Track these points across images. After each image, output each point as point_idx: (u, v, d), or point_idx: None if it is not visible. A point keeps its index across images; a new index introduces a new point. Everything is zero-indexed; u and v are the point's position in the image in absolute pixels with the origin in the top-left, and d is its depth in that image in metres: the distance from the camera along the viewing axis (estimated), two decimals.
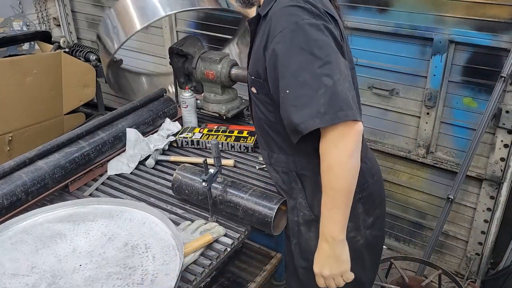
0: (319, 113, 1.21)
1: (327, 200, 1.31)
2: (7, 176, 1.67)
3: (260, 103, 1.48)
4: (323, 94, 1.21)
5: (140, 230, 1.50)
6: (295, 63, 1.25)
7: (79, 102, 2.98)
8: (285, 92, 1.27)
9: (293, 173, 1.53)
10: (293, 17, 1.26)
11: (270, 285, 2.26)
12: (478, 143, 2.35)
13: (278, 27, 1.28)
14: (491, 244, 2.60)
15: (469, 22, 2.31)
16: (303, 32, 1.25)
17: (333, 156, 1.25)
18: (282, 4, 1.31)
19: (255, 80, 1.44)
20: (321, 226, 1.36)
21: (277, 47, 1.27)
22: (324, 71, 1.22)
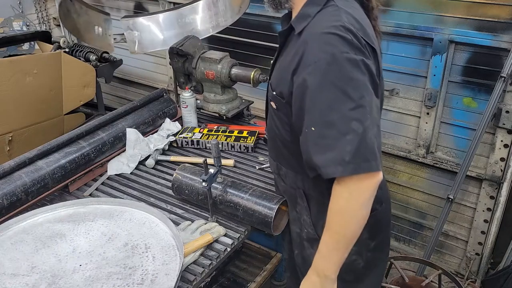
0: (343, 160, 1.15)
1: (329, 240, 1.27)
2: (7, 176, 1.67)
3: (277, 119, 1.41)
4: (350, 141, 1.14)
5: (140, 230, 1.50)
6: (326, 100, 1.17)
7: (79, 102, 2.98)
8: (310, 128, 1.20)
9: (300, 190, 1.49)
10: (331, 47, 1.17)
11: (270, 285, 2.26)
12: (478, 143, 2.35)
13: (313, 55, 1.19)
14: (491, 244, 2.59)
15: (469, 22, 2.31)
16: (339, 67, 1.16)
17: (345, 202, 1.21)
18: (320, 28, 1.21)
19: (277, 97, 1.36)
20: (316, 260, 1.32)
21: (309, 78, 1.19)
22: (355, 114, 1.15)
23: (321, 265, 1.31)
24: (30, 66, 2.61)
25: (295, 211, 1.55)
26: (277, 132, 1.44)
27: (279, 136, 1.44)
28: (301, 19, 1.30)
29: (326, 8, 1.27)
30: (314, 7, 1.28)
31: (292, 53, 1.29)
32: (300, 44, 1.25)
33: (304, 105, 1.21)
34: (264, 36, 3.04)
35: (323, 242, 1.29)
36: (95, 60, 3.10)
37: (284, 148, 1.46)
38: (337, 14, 1.23)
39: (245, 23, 3.09)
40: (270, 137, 1.54)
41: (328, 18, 1.24)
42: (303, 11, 1.30)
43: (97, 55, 3.16)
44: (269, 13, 2.90)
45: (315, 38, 1.21)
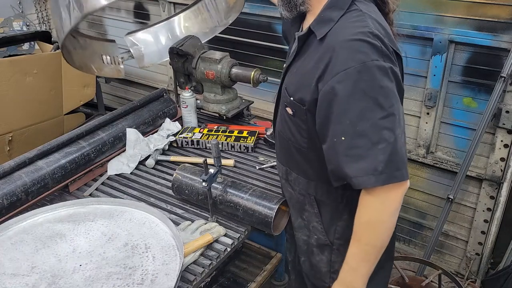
0: (376, 170, 1.14)
1: (359, 253, 1.26)
2: (7, 176, 1.67)
3: (293, 125, 1.38)
4: (383, 150, 1.13)
5: (140, 230, 1.50)
6: (356, 109, 1.15)
7: (79, 102, 2.98)
8: (339, 138, 1.17)
9: (311, 197, 1.46)
10: (361, 55, 1.14)
11: (270, 285, 2.26)
12: (478, 143, 2.35)
13: (342, 63, 1.16)
14: (491, 244, 2.60)
15: (469, 22, 2.31)
16: (370, 75, 1.14)
17: (376, 212, 1.21)
18: (348, 35, 1.18)
19: (295, 104, 1.32)
20: (344, 274, 1.32)
21: (338, 86, 1.16)
22: (386, 123, 1.14)
23: (349, 277, 1.30)
24: (30, 66, 2.61)
25: (300, 219, 1.53)
26: (291, 138, 1.41)
27: (293, 142, 1.41)
28: (323, 24, 1.25)
29: (349, 13, 1.24)
30: (337, 11, 1.24)
31: (315, 59, 1.24)
32: (326, 51, 1.21)
33: (331, 114, 1.19)
34: (264, 36, 3.04)
35: (351, 254, 1.28)
36: None
37: (297, 154, 1.42)
38: (363, 19, 1.21)
39: (245, 23, 3.09)
40: (282, 142, 1.49)
41: (354, 23, 1.21)
42: (324, 15, 1.26)
43: None
44: (269, 13, 2.91)
45: (343, 45, 1.17)
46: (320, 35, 1.25)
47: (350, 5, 1.25)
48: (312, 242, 1.52)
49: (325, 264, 1.50)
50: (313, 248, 1.52)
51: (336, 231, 1.44)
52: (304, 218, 1.52)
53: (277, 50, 2.99)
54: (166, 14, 3.46)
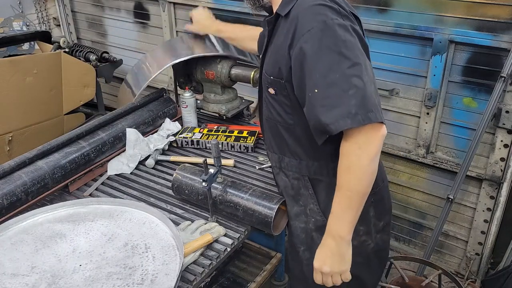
0: (350, 113, 1.20)
1: (342, 200, 1.30)
2: (7, 176, 1.67)
3: (278, 105, 1.44)
4: (354, 95, 1.20)
5: (140, 230, 1.50)
6: (324, 63, 1.23)
7: (79, 102, 2.98)
8: (313, 91, 1.25)
9: (305, 178, 1.51)
10: (322, 16, 1.25)
11: (270, 285, 2.26)
12: (478, 143, 2.35)
13: (306, 25, 1.26)
14: (491, 244, 2.60)
15: (469, 22, 2.31)
16: (332, 32, 1.23)
17: (356, 157, 1.25)
18: (308, 3, 1.29)
19: (275, 80, 1.40)
20: (330, 224, 1.35)
21: (305, 46, 1.25)
22: (354, 71, 1.22)
23: (335, 226, 1.34)
24: (30, 66, 2.61)
25: (297, 206, 1.56)
26: (278, 119, 1.46)
27: (280, 123, 1.46)
28: (286, 4, 1.36)
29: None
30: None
31: (284, 33, 1.34)
32: (291, 22, 1.31)
33: (305, 72, 1.27)
34: None
35: (335, 203, 1.32)
36: (95, 60, 3.10)
37: (286, 133, 1.47)
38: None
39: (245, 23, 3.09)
40: (270, 127, 1.54)
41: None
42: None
43: (97, 55, 3.16)
44: None
45: (305, 11, 1.28)
46: (284, 12, 1.35)
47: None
48: (310, 227, 1.54)
49: None
50: (312, 233, 1.54)
51: None
52: (300, 204, 1.54)
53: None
54: (166, 14, 3.46)
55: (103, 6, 3.96)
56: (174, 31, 3.52)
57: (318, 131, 1.29)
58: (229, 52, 2.27)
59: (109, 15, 3.96)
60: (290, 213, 1.60)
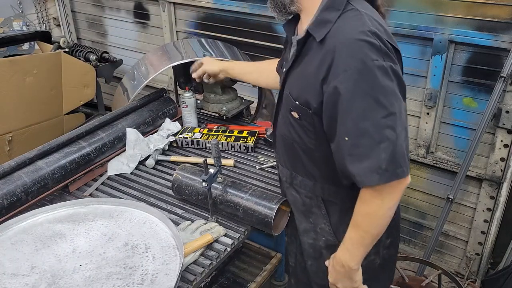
0: (380, 168, 1.17)
1: (356, 237, 1.32)
2: (7, 176, 1.67)
3: (300, 128, 1.38)
4: (385, 149, 1.17)
5: (140, 230, 1.50)
6: (358, 109, 1.17)
7: (79, 102, 2.98)
8: (343, 138, 1.21)
9: (319, 198, 1.47)
10: (361, 55, 1.16)
11: (270, 285, 2.26)
12: (478, 143, 2.35)
13: (343, 63, 1.18)
14: (491, 244, 2.60)
15: (469, 22, 2.31)
16: (370, 75, 1.16)
17: (376, 207, 1.25)
18: (347, 35, 1.20)
19: (301, 107, 1.33)
20: (340, 253, 1.37)
21: (341, 87, 1.18)
22: (388, 122, 1.17)
23: (344, 257, 1.36)
24: (30, 66, 2.61)
25: (306, 222, 1.53)
26: (297, 140, 1.41)
27: (300, 144, 1.41)
28: (321, 26, 1.26)
29: (346, 13, 1.25)
30: (334, 12, 1.25)
31: (317, 62, 1.25)
32: (327, 52, 1.22)
33: (337, 114, 1.21)
34: (264, 36, 3.04)
35: (348, 237, 1.34)
36: (95, 60, 3.10)
37: (304, 156, 1.42)
38: (360, 18, 1.22)
39: (245, 23, 3.09)
40: (287, 145, 1.48)
41: (353, 23, 1.22)
42: (321, 17, 1.27)
43: (97, 55, 3.16)
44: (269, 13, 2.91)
45: (344, 45, 1.19)
46: (319, 37, 1.25)
47: (346, 5, 1.26)
48: (320, 244, 1.52)
49: None
50: (321, 250, 1.53)
51: (345, 231, 1.44)
52: (310, 221, 1.52)
53: (277, 50, 2.99)
54: (166, 14, 3.46)
55: (103, 6, 3.96)
56: (174, 31, 3.53)
57: (343, 175, 1.29)
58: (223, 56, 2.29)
59: (109, 15, 3.96)
60: (298, 227, 1.57)
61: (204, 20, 3.34)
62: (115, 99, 2.65)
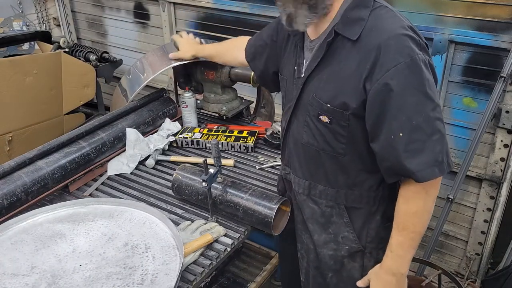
0: (437, 161, 1.19)
1: (406, 241, 1.31)
2: (7, 176, 1.67)
3: (329, 133, 1.33)
4: (438, 140, 1.19)
5: (140, 230, 1.50)
6: (411, 104, 1.17)
7: (79, 102, 2.98)
8: (397, 135, 1.19)
9: (341, 206, 1.44)
10: (408, 49, 1.17)
11: (270, 285, 2.26)
12: (478, 143, 2.35)
13: (391, 59, 1.17)
14: (491, 244, 2.59)
15: (469, 22, 2.31)
16: (418, 69, 1.17)
17: (423, 202, 1.25)
18: (389, 31, 1.19)
19: (334, 110, 1.28)
20: (390, 262, 1.35)
21: (392, 82, 1.16)
22: (436, 114, 1.19)
23: (396, 264, 1.34)
24: (30, 66, 2.61)
25: (325, 234, 1.50)
26: (325, 147, 1.37)
27: (326, 151, 1.37)
28: (351, 24, 1.23)
29: (375, 10, 1.25)
30: (363, 10, 1.24)
31: (355, 61, 1.22)
32: (368, 50, 1.20)
33: (387, 111, 1.20)
34: None
35: (397, 243, 1.32)
36: (95, 60, 3.10)
37: (330, 163, 1.39)
38: (395, 15, 1.25)
39: (245, 23, 3.09)
40: (308, 154, 1.43)
41: (390, 20, 1.23)
42: (351, 15, 1.24)
43: (97, 55, 3.16)
44: (269, 13, 2.91)
45: (389, 41, 1.18)
46: (354, 36, 1.22)
47: (374, 2, 1.26)
48: (342, 254, 1.49)
49: (357, 271, 1.50)
50: (343, 259, 1.50)
51: (368, 235, 1.45)
52: (330, 232, 1.49)
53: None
54: (166, 14, 3.46)
55: (103, 6, 3.96)
56: (174, 31, 3.52)
57: (393, 173, 1.27)
58: None
59: (109, 15, 3.96)
60: (317, 241, 1.53)
61: (204, 20, 3.34)
62: (114, 100, 2.65)
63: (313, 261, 1.57)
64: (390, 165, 1.25)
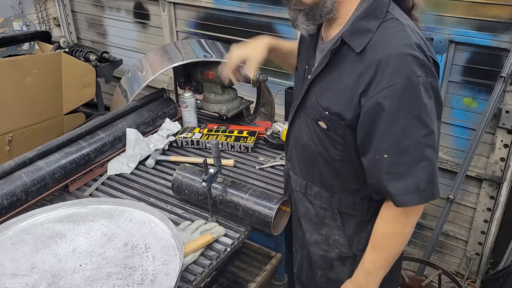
0: (418, 188, 1.16)
1: (378, 260, 1.30)
2: (7, 176, 1.67)
3: (327, 138, 1.32)
4: (424, 168, 1.15)
5: (140, 230, 1.50)
6: (400, 127, 1.14)
7: (79, 102, 2.98)
8: (381, 155, 1.17)
9: (334, 210, 1.43)
10: (407, 71, 1.12)
11: (270, 285, 2.26)
12: (478, 143, 2.35)
13: (388, 78, 1.12)
14: (491, 244, 2.60)
15: (469, 22, 2.31)
16: (415, 92, 1.12)
17: (402, 225, 1.24)
18: (394, 48, 1.13)
19: (332, 118, 1.26)
20: (360, 278, 1.35)
21: (384, 102, 1.13)
22: (428, 141, 1.15)
23: (365, 281, 1.34)
24: (30, 66, 2.61)
25: (317, 234, 1.50)
26: (322, 151, 1.35)
27: (323, 156, 1.36)
28: (359, 35, 1.19)
29: (385, 22, 1.18)
30: (373, 20, 1.19)
31: (356, 74, 1.19)
32: (369, 64, 1.16)
33: (375, 130, 1.17)
34: None
35: (370, 261, 1.31)
36: (95, 60, 3.10)
37: (326, 167, 1.37)
38: (403, 29, 1.17)
39: (245, 23, 3.09)
40: (306, 154, 1.42)
41: (397, 35, 1.16)
42: (359, 25, 1.20)
43: (97, 55, 3.16)
44: (269, 13, 2.91)
45: (389, 59, 1.13)
46: (359, 47, 1.18)
47: (386, 13, 1.20)
48: (332, 256, 1.49)
49: (346, 275, 1.49)
50: (333, 261, 1.50)
51: (359, 243, 1.44)
52: (322, 233, 1.49)
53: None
54: (166, 14, 3.46)
55: (103, 6, 3.96)
56: (174, 31, 3.53)
57: (375, 191, 1.26)
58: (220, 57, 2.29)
59: (109, 15, 3.97)
60: (308, 239, 1.54)
61: (204, 20, 3.34)
62: (114, 100, 2.66)
63: (306, 256, 1.60)
64: (373, 183, 1.25)
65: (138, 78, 2.36)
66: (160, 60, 2.33)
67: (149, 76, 2.27)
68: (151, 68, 2.32)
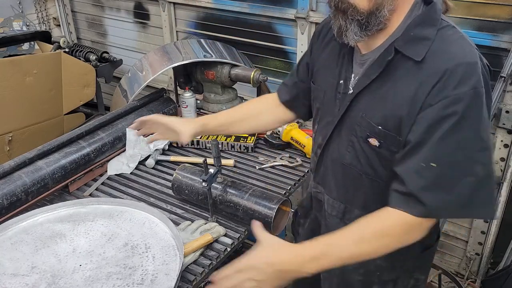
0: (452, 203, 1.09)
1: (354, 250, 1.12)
2: (7, 176, 1.67)
3: (376, 157, 1.22)
4: (468, 185, 1.07)
5: (140, 230, 1.50)
6: (456, 138, 1.07)
7: (79, 102, 2.98)
8: (428, 163, 1.08)
9: None
10: (472, 81, 1.05)
11: None
12: None
13: (453, 89, 1.06)
14: (491, 244, 2.59)
15: (469, 22, 2.31)
16: (478, 104, 1.06)
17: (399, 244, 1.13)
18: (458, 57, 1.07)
19: (386, 133, 1.17)
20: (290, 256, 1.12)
21: (446, 111, 1.06)
22: (481, 158, 1.08)
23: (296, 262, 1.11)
24: (30, 66, 2.61)
25: None
26: (370, 172, 1.25)
27: (371, 176, 1.25)
28: (415, 43, 1.12)
29: (443, 30, 1.13)
30: (429, 28, 1.13)
31: (416, 84, 1.10)
32: (431, 73, 1.09)
33: (430, 138, 1.09)
34: (264, 36, 3.04)
35: (337, 244, 1.13)
36: (95, 60, 3.10)
37: (372, 189, 1.27)
38: (463, 38, 1.13)
39: (245, 23, 3.09)
40: (348, 176, 1.31)
41: (458, 43, 1.11)
42: (415, 33, 1.13)
43: (97, 55, 3.16)
44: (269, 13, 2.91)
45: (457, 68, 1.06)
46: (418, 56, 1.11)
47: (441, 20, 1.14)
48: (373, 280, 1.39)
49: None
50: (373, 286, 1.41)
51: (404, 265, 1.36)
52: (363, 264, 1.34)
53: (277, 50, 2.99)
54: (166, 14, 3.46)
55: (103, 6, 3.96)
56: (174, 31, 3.52)
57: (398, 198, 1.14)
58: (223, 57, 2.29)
59: (109, 15, 3.96)
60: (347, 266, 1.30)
61: (204, 20, 3.34)
62: (114, 100, 2.66)
63: (337, 285, 1.46)
64: (403, 190, 1.12)
65: (138, 78, 2.36)
66: (160, 60, 2.33)
67: (149, 76, 2.27)
68: (151, 68, 2.32)
